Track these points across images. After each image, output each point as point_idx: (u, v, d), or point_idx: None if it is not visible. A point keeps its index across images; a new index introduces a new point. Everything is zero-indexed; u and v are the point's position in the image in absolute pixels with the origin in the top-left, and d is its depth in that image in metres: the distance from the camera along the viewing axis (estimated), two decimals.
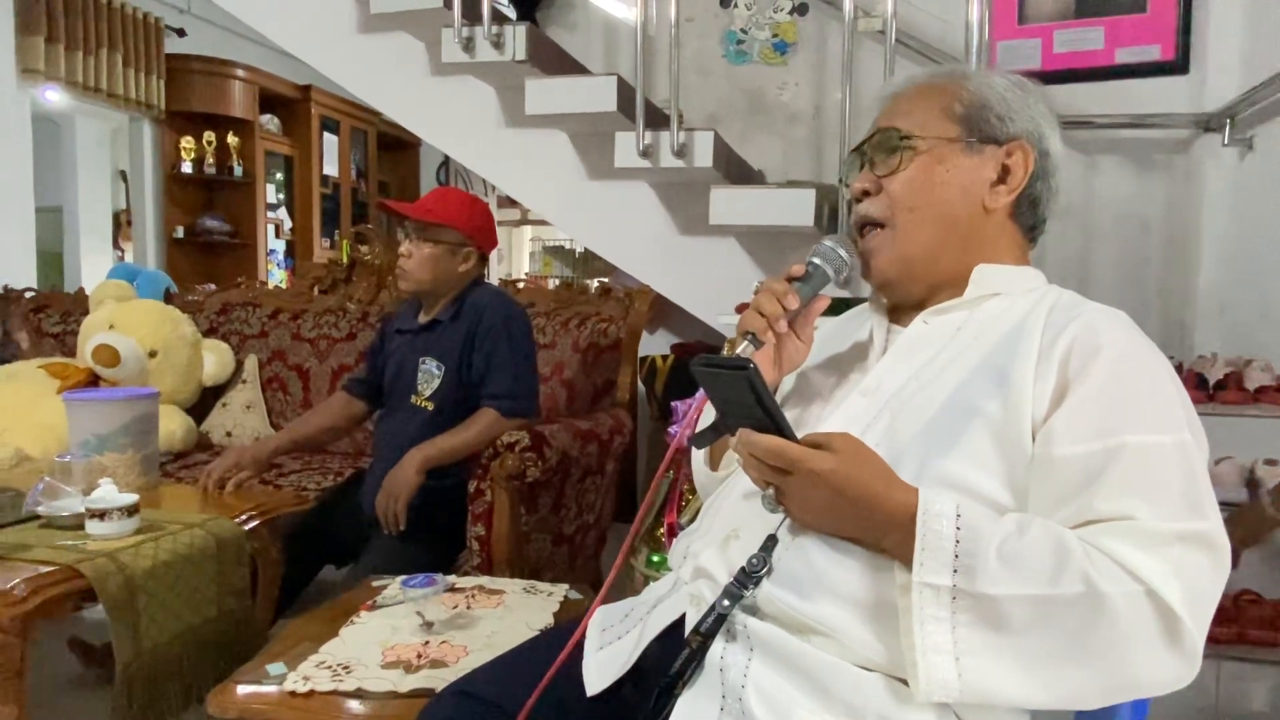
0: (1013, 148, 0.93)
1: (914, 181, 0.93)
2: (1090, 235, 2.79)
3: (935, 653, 0.72)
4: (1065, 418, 0.79)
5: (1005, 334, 0.87)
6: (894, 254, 0.94)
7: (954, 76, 0.97)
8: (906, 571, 0.74)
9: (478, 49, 2.44)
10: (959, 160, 0.92)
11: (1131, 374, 0.80)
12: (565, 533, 2.07)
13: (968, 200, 0.93)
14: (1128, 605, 0.70)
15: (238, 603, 1.55)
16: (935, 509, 0.74)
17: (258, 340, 2.86)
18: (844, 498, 0.77)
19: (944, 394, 0.85)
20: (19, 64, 4.04)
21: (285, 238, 5.64)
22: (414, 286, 1.90)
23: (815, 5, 2.96)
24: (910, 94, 0.97)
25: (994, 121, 0.93)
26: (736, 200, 2.36)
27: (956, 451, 0.80)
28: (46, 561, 1.32)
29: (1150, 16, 2.75)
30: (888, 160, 0.94)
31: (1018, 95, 0.95)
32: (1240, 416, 1.94)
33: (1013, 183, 0.93)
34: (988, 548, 0.72)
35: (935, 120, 0.93)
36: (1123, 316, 0.87)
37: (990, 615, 0.72)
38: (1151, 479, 0.75)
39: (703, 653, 0.80)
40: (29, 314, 2.94)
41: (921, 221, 0.93)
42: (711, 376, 0.81)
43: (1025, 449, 0.79)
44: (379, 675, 1.16)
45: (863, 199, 0.96)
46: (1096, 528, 0.75)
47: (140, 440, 1.76)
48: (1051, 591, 0.71)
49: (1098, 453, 0.76)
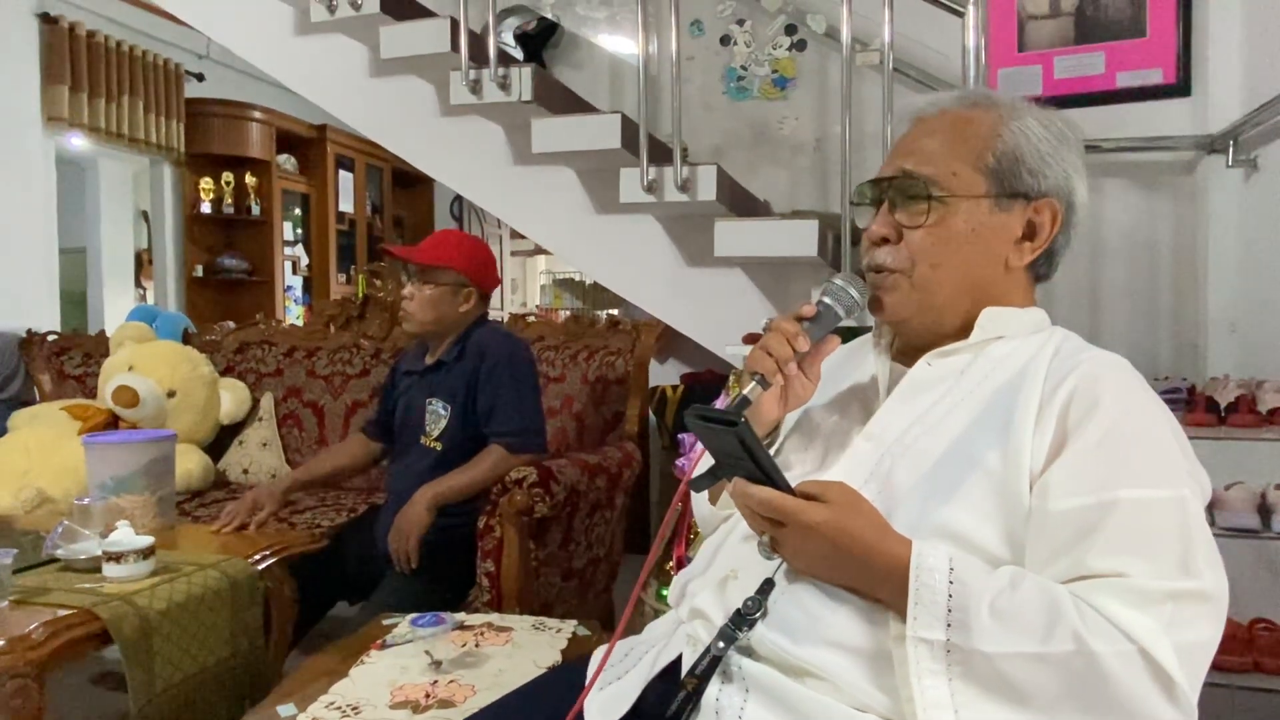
0: (1041, 205, 0.90)
1: (938, 238, 0.89)
2: (1098, 259, 2.79)
3: (935, 708, 0.72)
4: (1062, 471, 0.78)
5: (1008, 380, 0.86)
6: (909, 301, 0.92)
7: (990, 110, 0.92)
8: (901, 623, 0.75)
9: (485, 90, 2.50)
10: (986, 218, 0.90)
11: (1129, 428, 0.79)
12: (575, 567, 2.07)
13: (991, 259, 0.91)
14: (1120, 665, 0.70)
15: (251, 642, 1.57)
16: (928, 563, 0.75)
17: (273, 378, 2.91)
18: (837, 549, 0.78)
19: (945, 441, 0.84)
20: (44, 112, 4.16)
21: (302, 274, 5.74)
22: (417, 328, 1.94)
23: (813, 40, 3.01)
24: (938, 125, 0.93)
25: (1026, 177, 0.90)
26: (740, 232, 2.39)
27: (955, 501, 0.80)
28: (64, 605, 1.34)
29: (1150, 40, 2.77)
30: (911, 209, 0.90)
31: (1052, 147, 0.91)
32: (1253, 440, 1.92)
33: (1038, 242, 0.91)
34: (980, 603, 0.73)
35: (966, 171, 0.89)
36: (1124, 365, 0.86)
37: (984, 671, 0.72)
38: (1145, 535, 0.75)
39: (699, 694, 0.81)
40: (51, 356, 3.01)
41: (941, 278, 0.90)
42: (704, 429, 0.81)
43: (1023, 501, 0.79)
44: (387, 716, 1.17)
45: (881, 244, 0.93)
46: (1089, 584, 0.74)
47: (157, 482, 1.80)
48: (1043, 649, 0.71)
49: (1092, 507, 0.76)
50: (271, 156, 5.33)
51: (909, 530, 0.79)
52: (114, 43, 4.47)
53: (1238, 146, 2.55)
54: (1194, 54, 2.71)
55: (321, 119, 5.44)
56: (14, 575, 1.41)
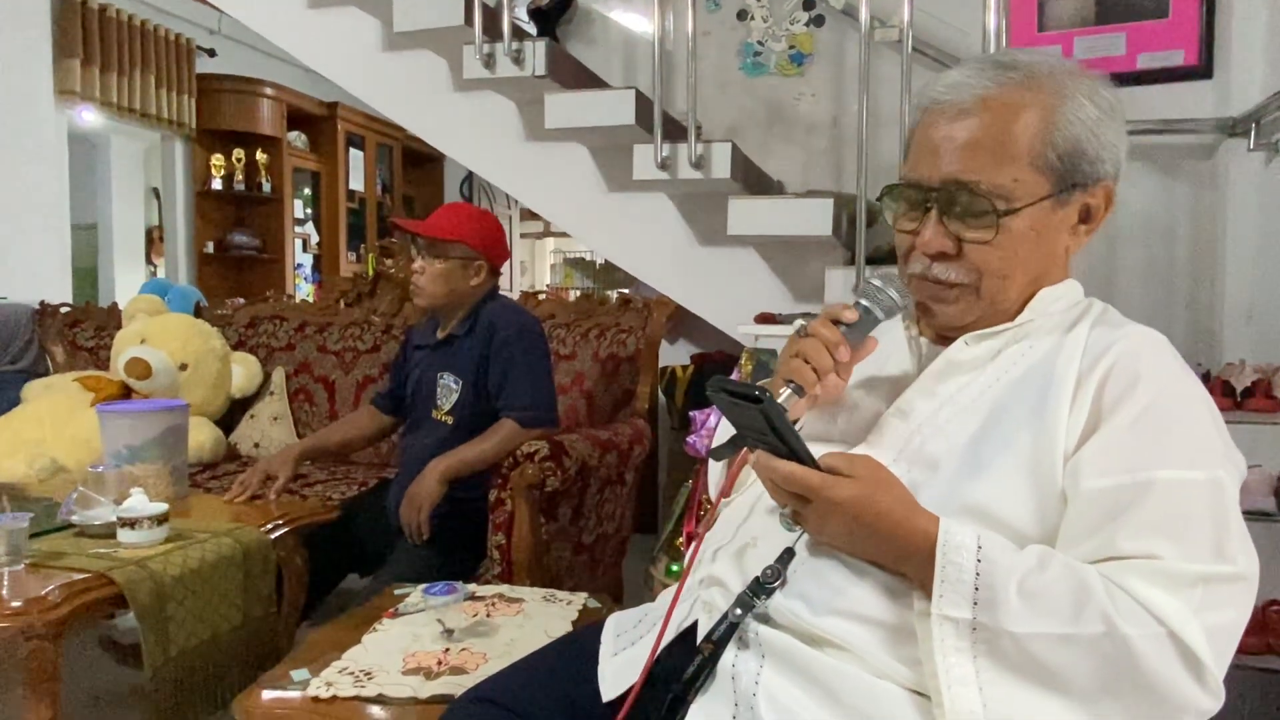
0: (1097, 190, 0.87)
1: (1005, 250, 0.84)
2: (1116, 242, 2.76)
3: (960, 684, 0.72)
4: (1095, 450, 0.77)
5: (1043, 358, 0.84)
6: (973, 309, 0.88)
7: (1033, 88, 0.84)
8: (925, 599, 0.74)
9: (498, 65, 2.48)
10: (1049, 217, 0.85)
11: (1167, 407, 0.78)
12: (585, 542, 2.08)
13: (1052, 251, 0.88)
14: (1150, 647, 0.70)
15: (263, 610, 1.58)
16: (955, 540, 0.74)
17: (285, 353, 2.91)
18: (862, 524, 0.77)
19: (978, 420, 0.83)
20: (56, 85, 4.15)
21: (312, 252, 5.74)
22: (428, 302, 1.94)
23: (832, 16, 2.97)
24: (982, 117, 0.84)
25: (1085, 168, 0.85)
26: (754, 211, 2.37)
27: (986, 479, 0.80)
28: (79, 569, 1.36)
29: (1172, 21, 2.72)
30: (973, 223, 0.84)
31: (1109, 127, 0.86)
32: (1269, 425, 1.91)
33: (1094, 223, 0.89)
34: (1008, 583, 0.72)
35: (1027, 174, 0.83)
36: (1163, 342, 0.85)
37: (1011, 650, 0.72)
38: (1178, 517, 0.74)
39: (715, 660, 0.81)
40: (64, 328, 3.02)
41: (1009, 286, 0.87)
42: (728, 403, 0.79)
43: (1056, 480, 0.78)
44: (400, 681, 1.18)
45: (937, 257, 0.87)
46: (1120, 564, 0.74)
47: (170, 451, 1.80)
48: (1072, 631, 0.71)
49: (1126, 487, 0.75)
50: (282, 133, 5.32)
51: (937, 508, 0.78)
52: (126, 17, 4.45)
53: (1259, 130, 2.51)
54: (1216, 35, 2.66)
55: (333, 96, 5.43)
56: (30, 540, 1.42)
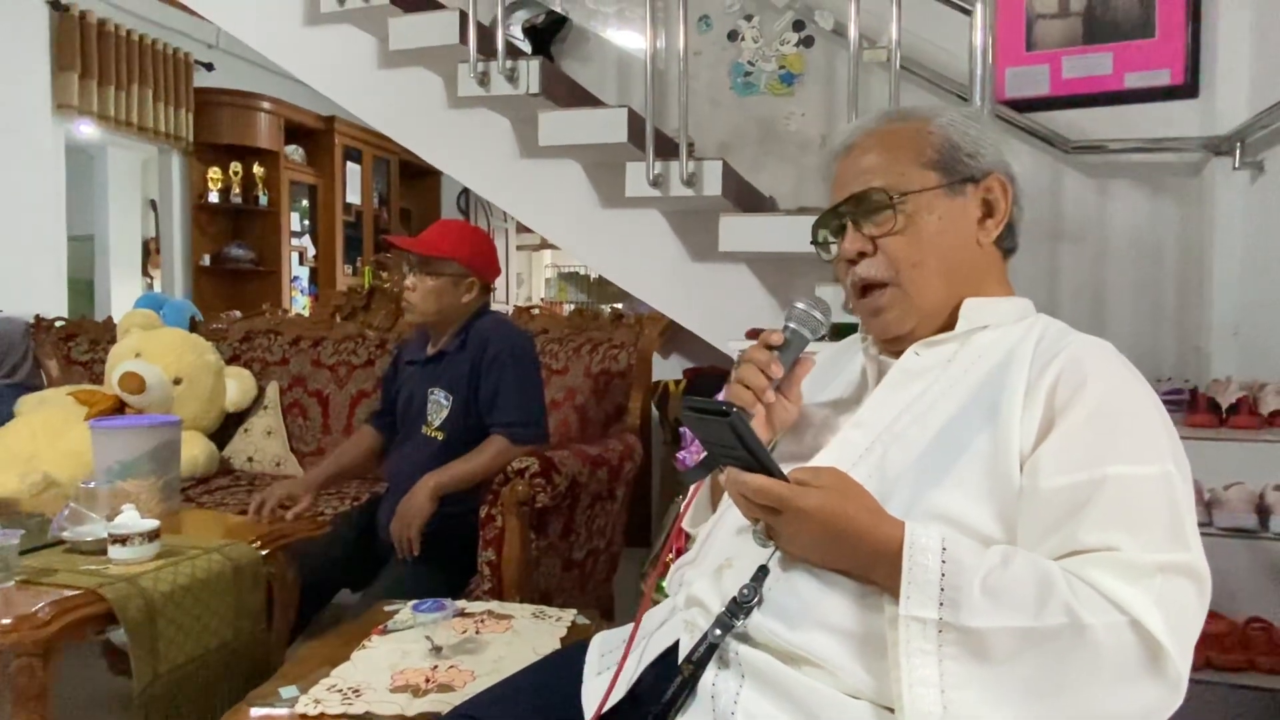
0: (990, 182, 0.95)
1: (911, 237, 0.93)
2: (1103, 260, 2.78)
3: (921, 685, 0.73)
4: (1051, 450, 0.80)
5: (995, 366, 0.88)
6: (908, 311, 0.94)
7: (910, 119, 0.97)
8: (895, 604, 0.76)
9: (493, 83, 2.50)
10: (946, 207, 0.94)
11: (1116, 406, 0.82)
12: (575, 558, 2.09)
13: (963, 243, 0.95)
14: (1110, 636, 0.71)
15: (253, 626, 1.58)
16: (921, 543, 0.76)
17: (279, 367, 2.92)
18: (831, 533, 0.79)
19: (935, 427, 0.86)
20: (54, 99, 4.17)
21: (309, 265, 5.75)
22: (419, 318, 1.95)
23: (821, 37, 3.01)
24: (869, 145, 0.97)
25: (966, 160, 0.94)
26: (745, 228, 2.39)
27: (947, 484, 0.82)
28: (69, 585, 1.36)
29: (1159, 41, 2.76)
30: (877, 219, 0.94)
31: (976, 128, 0.96)
32: (1253, 442, 1.93)
33: (998, 215, 0.96)
34: (972, 580, 0.74)
35: (913, 170, 0.94)
36: (1109, 347, 0.88)
37: (975, 648, 0.73)
38: (1135, 510, 0.77)
39: (695, 680, 0.82)
40: (59, 342, 3.03)
41: (928, 274, 0.93)
42: (698, 420, 0.83)
43: (1013, 481, 0.81)
44: (388, 699, 1.18)
45: (859, 260, 0.95)
46: (1081, 559, 0.76)
47: (162, 467, 1.81)
48: (1035, 624, 0.72)
49: (1082, 484, 0.78)
50: (280, 147, 5.34)
51: (902, 514, 0.80)
52: (124, 31, 4.48)
53: (1245, 149, 2.54)
54: (1202, 55, 2.69)
55: (330, 110, 5.45)
56: (20, 556, 1.43)
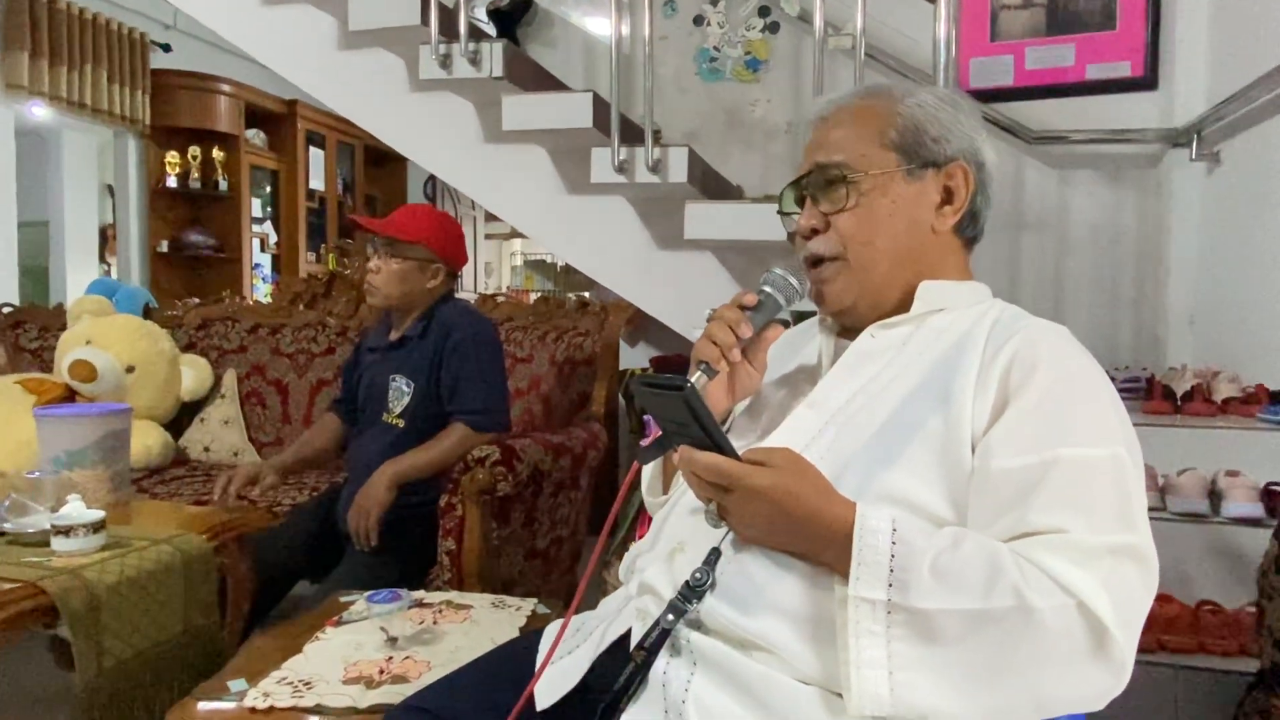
0: (953, 169, 0.94)
1: (862, 217, 0.93)
2: (1063, 249, 2.82)
3: (869, 667, 0.73)
4: (1003, 431, 0.80)
5: (949, 349, 0.88)
6: (850, 284, 0.95)
7: (883, 97, 0.97)
8: (845, 585, 0.75)
9: (455, 66, 2.46)
10: (902, 189, 0.93)
11: (1068, 388, 0.82)
12: (538, 547, 2.07)
13: (916, 226, 0.94)
14: (1057, 618, 0.71)
15: (205, 619, 1.54)
16: (871, 524, 0.76)
17: (236, 355, 2.86)
18: (782, 513, 0.78)
19: (889, 408, 0.86)
20: (4, 79, 4.04)
21: (271, 252, 5.65)
22: (382, 301, 1.92)
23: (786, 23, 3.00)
24: (840, 118, 0.97)
25: (930, 145, 0.94)
26: (711, 215, 2.38)
27: (899, 465, 0.82)
28: (9, 579, 1.31)
29: (1120, 34, 2.79)
30: (832, 196, 0.94)
31: (949, 113, 0.95)
32: (1206, 429, 1.96)
33: (957, 203, 0.95)
34: (922, 562, 0.74)
35: (874, 151, 0.93)
36: (1063, 331, 0.89)
37: (923, 629, 0.73)
38: (1084, 492, 0.77)
39: (646, 668, 0.81)
40: (7, 329, 2.93)
41: (875, 254, 0.93)
42: (652, 396, 0.82)
43: (965, 463, 0.81)
44: (339, 691, 1.16)
45: (811, 236, 0.96)
46: (1030, 541, 0.76)
47: (111, 456, 1.76)
48: (983, 605, 0.72)
49: (1033, 466, 0.78)
50: (240, 131, 5.23)
51: (854, 496, 0.80)
52: (77, 10, 4.35)
53: (1201, 140, 2.59)
54: (1161, 48, 2.74)
55: (292, 94, 5.35)
56: None
